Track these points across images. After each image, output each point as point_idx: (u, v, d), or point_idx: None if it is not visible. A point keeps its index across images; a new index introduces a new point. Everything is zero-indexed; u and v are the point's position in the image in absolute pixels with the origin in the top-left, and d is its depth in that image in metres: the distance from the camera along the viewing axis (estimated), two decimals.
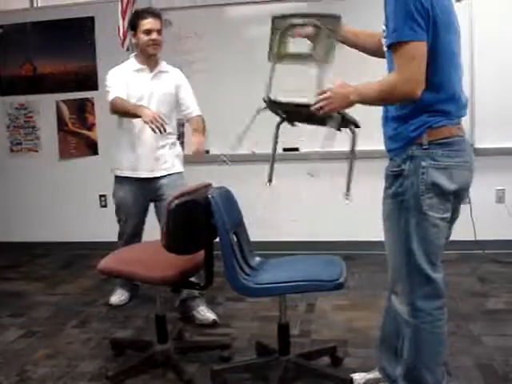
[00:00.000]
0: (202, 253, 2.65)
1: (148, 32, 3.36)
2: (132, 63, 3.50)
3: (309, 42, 2.28)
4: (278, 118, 2.49)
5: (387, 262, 2.26)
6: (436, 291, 2.12)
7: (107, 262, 2.77)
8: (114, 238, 3.68)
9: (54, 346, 3.19)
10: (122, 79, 3.43)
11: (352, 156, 2.28)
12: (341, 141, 2.25)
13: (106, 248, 3.17)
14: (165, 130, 3.08)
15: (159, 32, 3.40)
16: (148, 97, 3.42)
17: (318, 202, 4.76)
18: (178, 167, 3.54)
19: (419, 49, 1.93)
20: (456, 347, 2.89)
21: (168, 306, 3.30)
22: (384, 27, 2.04)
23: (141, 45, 3.40)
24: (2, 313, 3.74)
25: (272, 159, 2.55)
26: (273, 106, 2.35)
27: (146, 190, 3.50)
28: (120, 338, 3.27)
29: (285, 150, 4.64)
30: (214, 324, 3.35)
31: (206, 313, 3.42)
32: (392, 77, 2.00)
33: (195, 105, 3.55)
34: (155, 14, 3.41)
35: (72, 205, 5.33)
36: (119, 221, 3.66)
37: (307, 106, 2.16)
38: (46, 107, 5.31)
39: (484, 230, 4.59)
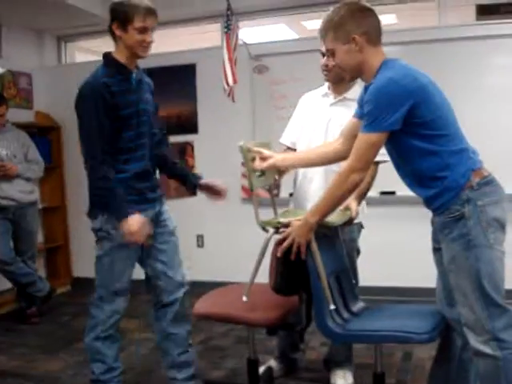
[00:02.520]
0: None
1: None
2: (324, 86, 3.09)
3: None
4: None
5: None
6: None
7: (202, 306, 2.79)
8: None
9: None
10: (300, 112, 3.14)
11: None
12: None
13: (203, 287, 3.22)
14: None
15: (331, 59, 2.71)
16: (323, 127, 2.96)
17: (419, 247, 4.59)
18: None
19: None
20: None
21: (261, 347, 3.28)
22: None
23: None
24: None
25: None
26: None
27: None
28: (212, 380, 3.30)
29: (382, 193, 4.59)
30: None
31: (337, 378, 3.11)
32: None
33: None
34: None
35: None
36: None
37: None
38: None
39: None
